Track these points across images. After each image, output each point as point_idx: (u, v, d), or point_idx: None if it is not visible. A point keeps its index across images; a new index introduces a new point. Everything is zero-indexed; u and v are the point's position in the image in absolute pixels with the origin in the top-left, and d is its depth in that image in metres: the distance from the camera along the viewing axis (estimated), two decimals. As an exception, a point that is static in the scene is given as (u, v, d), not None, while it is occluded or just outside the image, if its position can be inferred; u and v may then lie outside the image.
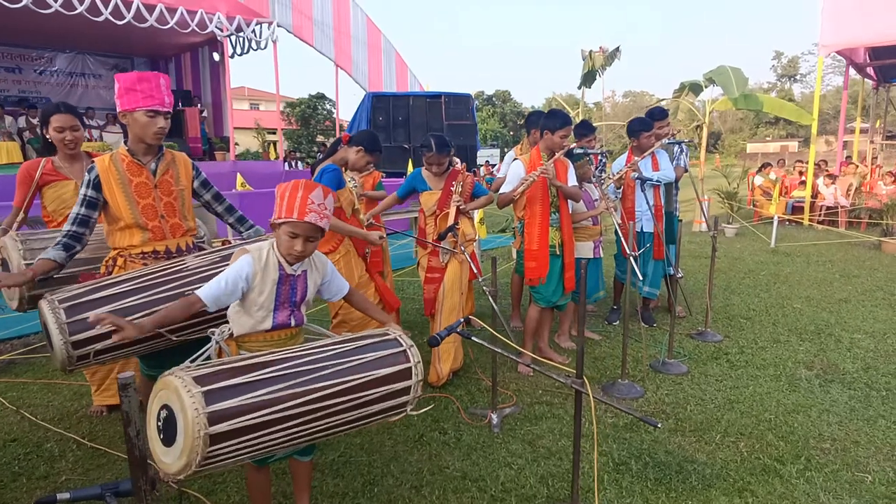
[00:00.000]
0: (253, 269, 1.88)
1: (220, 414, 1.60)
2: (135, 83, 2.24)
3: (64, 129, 2.87)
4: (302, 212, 1.83)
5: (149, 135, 2.30)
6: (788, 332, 4.59)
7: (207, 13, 10.37)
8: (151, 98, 2.26)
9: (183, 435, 1.55)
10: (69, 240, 2.27)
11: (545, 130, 3.65)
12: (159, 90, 2.28)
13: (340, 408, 1.86)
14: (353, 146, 3.31)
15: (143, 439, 1.43)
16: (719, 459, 2.72)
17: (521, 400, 3.38)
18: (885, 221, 8.83)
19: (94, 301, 2.12)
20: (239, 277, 1.86)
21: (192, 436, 1.52)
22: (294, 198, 1.84)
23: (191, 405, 1.54)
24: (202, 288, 1.86)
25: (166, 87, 2.33)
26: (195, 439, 1.53)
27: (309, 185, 1.88)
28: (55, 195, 2.88)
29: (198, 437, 1.53)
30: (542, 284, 3.74)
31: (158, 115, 2.29)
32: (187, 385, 1.58)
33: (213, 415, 1.57)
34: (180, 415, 1.56)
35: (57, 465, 2.63)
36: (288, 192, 1.86)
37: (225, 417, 1.60)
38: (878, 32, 9.55)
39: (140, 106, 2.25)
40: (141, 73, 2.28)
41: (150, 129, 2.29)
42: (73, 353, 2.05)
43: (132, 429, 1.34)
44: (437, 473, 2.62)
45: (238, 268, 1.88)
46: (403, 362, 2.03)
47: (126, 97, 2.26)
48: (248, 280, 1.87)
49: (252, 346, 1.94)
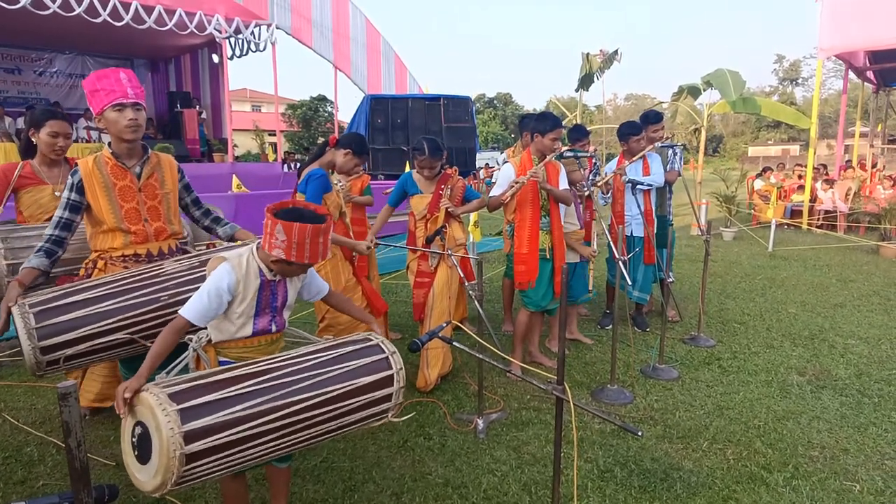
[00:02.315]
0: (234, 277, 1.82)
1: (197, 432, 1.56)
2: (95, 83, 2.23)
3: (58, 135, 2.85)
4: (314, 256, 1.78)
5: (122, 129, 2.26)
6: (782, 337, 4.55)
7: (206, 15, 10.39)
8: (114, 92, 2.22)
9: (158, 454, 1.51)
10: (52, 245, 2.24)
11: (535, 133, 3.63)
12: (120, 83, 2.24)
13: (321, 419, 1.83)
14: (341, 149, 3.30)
15: (84, 450, 1.40)
16: (706, 467, 2.69)
17: (508, 405, 3.36)
18: (883, 226, 8.78)
19: (67, 305, 2.09)
20: (221, 289, 1.80)
21: (168, 455, 1.49)
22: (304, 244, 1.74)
23: (166, 424, 1.50)
24: (185, 307, 1.80)
25: (129, 80, 2.27)
26: (171, 459, 1.49)
27: (320, 230, 1.77)
28: (31, 199, 2.86)
29: (173, 456, 1.49)
30: (532, 288, 3.71)
31: (125, 107, 2.25)
32: (162, 403, 1.54)
33: (190, 433, 1.54)
34: (155, 434, 1.52)
35: (35, 470, 2.61)
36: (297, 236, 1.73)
37: (201, 435, 1.57)
38: (878, 36, 9.52)
39: (106, 104, 2.22)
40: (99, 72, 2.25)
41: (121, 124, 2.25)
42: (42, 358, 2.03)
43: (73, 440, 1.31)
44: (419, 480, 2.59)
45: (218, 279, 1.81)
46: (385, 369, 1.99)
47: (93, 100, 2.24)
48: (230, 290, 1.81)
49: (231, 352, 1.90)
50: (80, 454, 1.34)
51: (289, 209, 1.81)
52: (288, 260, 1.76)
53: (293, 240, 1.73)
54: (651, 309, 5.10)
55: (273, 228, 1.73)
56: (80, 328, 2.08)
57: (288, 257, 1.75)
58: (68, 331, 2.06)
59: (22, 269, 2.20)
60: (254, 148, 28.08)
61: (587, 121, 28.45)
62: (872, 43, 10.03)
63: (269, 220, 1.74)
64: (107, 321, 2.11)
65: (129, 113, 2.26)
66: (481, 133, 37.18)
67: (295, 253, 1.74)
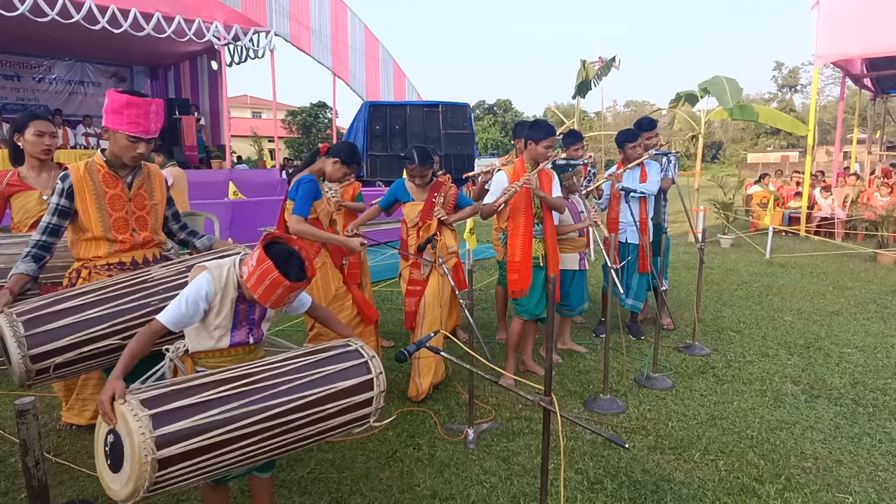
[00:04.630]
0: (213, 287, 1.81)
1: (169, 437, 1.55)
2: (123, 107, 2.18)
3: (44, 134, 2.85)
4: (277, 304, 1.79)
5: (127, 157, 2.27)
6: (777, 345, 4.53)
7: (205, 22, 10.43)
8: (137, 125, 2.20)
9: (129, 461, 1.50)
10: (39, 250, 2.23)
11: (529, 141, 3.62)
12: (147, 118, 2.21)
13: (298, 423, 1.82)
14: (331, 157, 3.28)
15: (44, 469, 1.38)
16: (697, 479, 2.66)
17: (499, 415, 3.33)
18: (881, 233, 8.77)
19: (57, 313, 2.08)
20: (199, 297, 1.79)
21: (139, 461, 1.47)
22: (273, 292, 1.75)
23: (137, 429, 1.49)
24: (162, 312, 1.80)
25: (156, 114, 2.25)
26: (142, 465, 1.48)
27: (296, 288, 1.77)
28: (20, 205, 2.85)
29: (145, 462, 1.48)
30: (525, 297, 3.69)
31: (140, 141, 2.24)
32: (134, 409, 1.53)
33: (162, 438, 1.53)
34: (127, 440, 1.51)
35: (18, 482, 2.57)
36: (269, 282, 1.73)
37: (174, 441, 1.56)
38: (874, 43, 9.54)
39: (123, 130, 2.20)
40: (131, 98, 2.18)
41: (128, 153, 2.26)
42: (32, 367, 2.01)
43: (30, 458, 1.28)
44: (407, 492, 2.56)
45: (197, 287, 1.80)
46: (364, 374, 1.99)
47: (112, 116, 2.20)
48: (207, 299, 1.80)
49: (208, 362, 1.89)
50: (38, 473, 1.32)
51: (282, 248, 1.80)
52: (254, 295, 1.77)
53: (264, 281, 1.73)
54: (646, 317, 5.08)
55: (259, 260, 1.74)
56: (70, 335, 2.06)
57: (253, 291, 1.76)
58: (59, 338, 2.05)
59: (10, 276, 2.18)
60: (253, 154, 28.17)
61: (587, 127, 28.50)
62: (869, 50, 10.04)
63: (259, 252, 1.74)
64: (97, 327, 2.10)
65: (141, 147, 2.26)
66: (481, 139, 37.20)
67: (261, 293, 1.75)
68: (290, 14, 12.26)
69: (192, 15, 10.24)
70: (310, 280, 1.81)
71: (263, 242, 1.76)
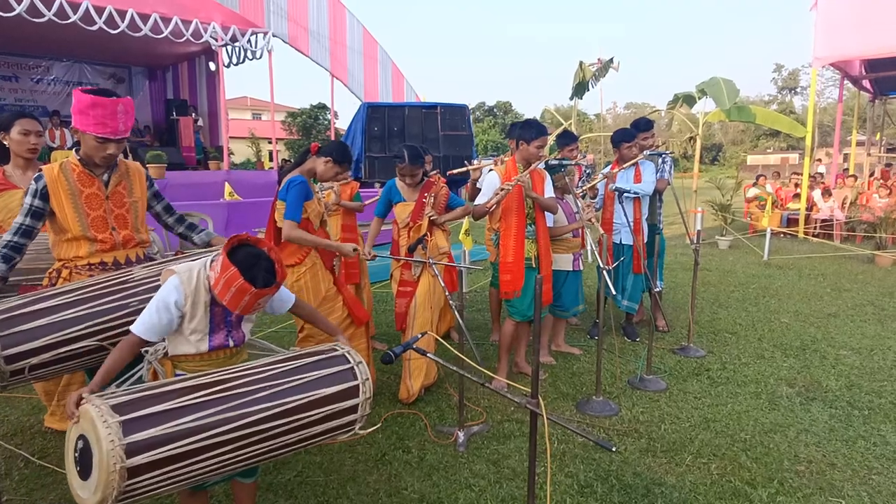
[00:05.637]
0: (182, 293, 1.75)
1: (140, 445, 1.50)
2: (88, 107, 2.13)
3: (29, 133, 2.83)
4: (247, 310, 1.74)
5: (97, 157, 2.24)
6: (773, 347, 4.49)
7: (202, 23, 10.39)
8: (104, 126, 2.16)
9: (98, 469, 1.46)
10: (9, 251, 2.20)
11: (521, 141, 3.59)
12: (114, 118, 2.17)
13: (279, 431, 1.77)
14: (322, 157, 3.25)
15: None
16: (689, 482, 2.63)
17: (490, 417, 3.29)
18: (879, 234, 8.73)
19: (32, 313, 2.04)
20: (168, 304, 1.73)
21: (108, 469, 1.43)
22: (241, 299, 1.69)
23: (106, 436, 1.44)
24: (135, 322, 1.75)
25: (125, 113, 2.20)
26: (111, 473, 1.43)
27: (260, 293, 1.71)
28: (3, 204, 2.82)
29: (113, 470, 1.44)
30: (518, 298, 3.66)
31: (109, 142, 2.21)
32: (103, 414, 1.48)
33: (132, 446, 1.48)
34: (95, 447, 1.47)
35: (0, 485, 2.55)
36: (235, 290, 1.67)
37: (144, 448, 1.51)
38: (873, 45, 9.51)
39: (90, 131, 2.16)
40: (96, 98, 2.14)
41: (98, 154, 2.23)
42: (6, 368, 1.98)
43: None
44: (395, 495, 2.52)
45: (166, 294, 1.75)
46: (350, 380, 1.94)
47: (79, 117, 2.16)
48: (177, 307, 1.75)
49: (188, 365, 1.85)
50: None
51: (248, 252, 1.73)
52: (222, 301, 1.71)
53: (230, 288, 1.67)
54: (641, 318, 5.05)
55: (223, 267, 1.67)
56: (47, 336, 2.03)
57: (221, 298, 1.71)
58: (35, 339, 2.01)
59: None
60: (252, 156, 28.15)
61: (586, 129, 28.47)
62: (868, 51, 10.01)
63: (223, 258, 1.68)
64: (75, 328, 2.07)
65: (110, 147, 2.23)
66: (481, 141, 37.22)
67: (228, 300, 1.69)
68: (288, 15, 12.24)
69: (190, 16, 10.21)
70: (279, 284, 1.75)
71: (227, 247, 1.70)
